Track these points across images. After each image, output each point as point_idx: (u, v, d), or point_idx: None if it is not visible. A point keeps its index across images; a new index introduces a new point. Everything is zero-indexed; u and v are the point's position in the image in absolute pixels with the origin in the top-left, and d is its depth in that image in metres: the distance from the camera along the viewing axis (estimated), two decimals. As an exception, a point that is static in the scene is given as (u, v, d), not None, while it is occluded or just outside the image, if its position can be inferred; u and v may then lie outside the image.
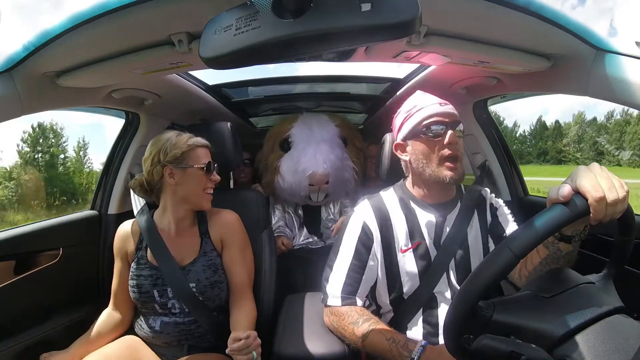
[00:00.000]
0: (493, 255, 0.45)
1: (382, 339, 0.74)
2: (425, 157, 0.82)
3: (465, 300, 0.45)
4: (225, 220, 1.00)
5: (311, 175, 1.52)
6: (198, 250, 0.96)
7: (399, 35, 0.48)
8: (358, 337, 0.77)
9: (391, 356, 0.71)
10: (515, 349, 0.44)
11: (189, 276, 0.92)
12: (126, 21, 0.63)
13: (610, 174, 0.47)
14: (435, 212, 0.86)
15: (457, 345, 0.47)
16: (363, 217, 0.87)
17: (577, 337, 0.43)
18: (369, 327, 0.77)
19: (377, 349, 0.74)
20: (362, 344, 0.76)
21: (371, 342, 0.75)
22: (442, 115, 0.81)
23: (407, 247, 0.84)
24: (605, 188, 0.45)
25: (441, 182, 0.81)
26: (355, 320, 0.79)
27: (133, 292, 0.93)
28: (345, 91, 1.73)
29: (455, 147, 0.80)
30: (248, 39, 0.50)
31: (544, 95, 1.10)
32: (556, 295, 0.48)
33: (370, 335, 0.75)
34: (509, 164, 1.40)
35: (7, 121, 0.76)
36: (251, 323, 0.92)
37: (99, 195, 1.37)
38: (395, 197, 0.90)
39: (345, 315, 0.82)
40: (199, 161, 0.95)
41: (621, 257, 0.54)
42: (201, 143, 0.98)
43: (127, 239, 0.99)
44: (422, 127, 0.81)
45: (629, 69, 0.64)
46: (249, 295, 0.99)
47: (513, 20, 0.64)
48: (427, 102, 0.83)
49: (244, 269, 0.99)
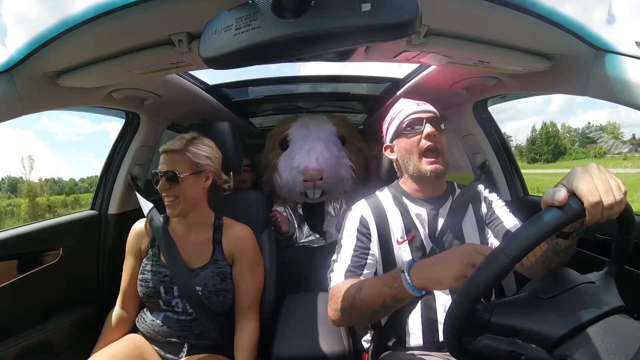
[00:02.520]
0: (489, 260, 0.45)
1: (373, 281, 0.74)
2: (407, 152, 0.88)
3: (463, 304, 0.46)
4: (238, 236, 1.00)
5: (304, 170, 1.56)
6: (209, 257, 0.96)
7: (399, 35, 0.48)
8: (353, 295, 0.72)
9: (385, 287, 0.67)
10: (515, 349, 0.44)
11: (196, 279, 0.92)
12: (126, 21, 0.62)
13: (608, 175, 0.46)
14: (427, 206, 0.89)
15: (457, 345, 0.47)
16: (360, 212, 0.90)
17: (577, 338, 0.43)
18: (361, 282, 0.76)
19: (372, 292, 0.70)
20: (360, 300, 0.71)
21: (365, 292, 0.71)
22: (419, 112, 0.88)
23: (402, 239, 0.86)
24: (602, 191, 0.44)
25: (424, 177, 0.86)
26: (351, 286, 0.76)
27: (140, 285, 0.95)
28: (345, 91, 1.73)
29: (434, 139, 0.84)
30: (248, 39, 0.50)
31: (543, 95, 1.09)
32: (555, 296, 0.48)
33: (363, 287, 0.73)
34: (509, 164, 1.40)
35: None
36: (252, 349, 0.93)
37: (99, 195, 1.37)
38: (389, 195, 0.94)
39: (342, 286, 0.78)
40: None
41: (622, 255, 0.54)
42: (162, 149, 0.96)
43: (142, 236, 1.01)
44: (403, 125, 0.88)
45: (629, 69, 0.64)
46: (254, 315, 0.98)
47: (513, 20, 0.64)
48: (407, 104, 0.91)
49: (252, 286, 0.99)
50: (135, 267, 1.00)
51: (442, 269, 0.59)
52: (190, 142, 0.96)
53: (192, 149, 0.95)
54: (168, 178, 0.91)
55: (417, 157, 0.86)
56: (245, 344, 0.92)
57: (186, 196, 0.93)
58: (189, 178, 0.93)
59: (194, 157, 0.94)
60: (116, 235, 1.32)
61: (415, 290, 0.62)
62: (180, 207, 0.93)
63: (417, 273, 0.63)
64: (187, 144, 0.95)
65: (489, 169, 1.40)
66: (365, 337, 0.95)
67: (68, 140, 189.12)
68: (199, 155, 0.95)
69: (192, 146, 0.96)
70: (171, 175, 0.91)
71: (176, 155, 0.93)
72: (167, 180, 0.91)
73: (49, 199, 53.93)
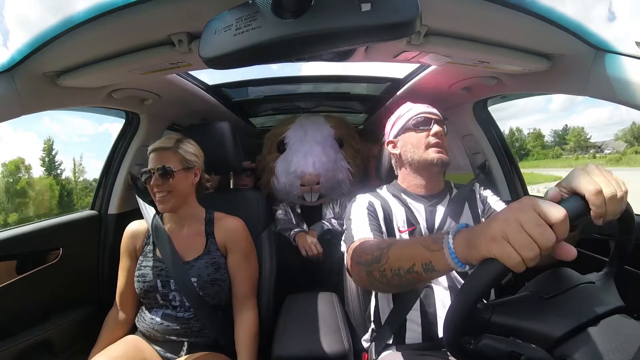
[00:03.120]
0: (489, 260, 0.43)
1: (409, 240, 0.68)
2: (414, 145, 0.91)
3: (464, 303, 0.45)
4: (229, 227, 1.02)
5: (301, 175, 1.55)
6: (203, 248, 0.99)
7: (399, 35, 0.48)
8: (382, 248, 0.62)
9: (421, 246, 0.54)
10: (515, 349, 0.44)
11: (191, 271, 0.95)
12: (126, 21, 0.63)
13: (607, 172, 0.45)
14: (425, 202, 0.92)
15: (457, 345, 0.47)
16: (367, 198, 0.92)
17: (577, 337, 0.43)
18: (394, 239, 0.73)
19: (404, 250, 0.59)
20: (387, 256, 0.60)
21: (396, 248, 0.60)
22: (429, 113, 0.93)
23: (404, 229, 0.88)
24: (602, 183, 0.43)
25: (429, 164, 0.88)
26: (381, 240, 0.69)
27: (138, 281, 0.97)
28: (345, 91, 1.73)
29: (440, 138, 0.89)
30: (248, 39, 0.50)
31: (543, 95, 1.10)
32: (555, 295, 0.48)
33: (396, 243, 0.63)
34: (509, 164, 1.40)
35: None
36: (253, 339, 0.94)
37: (99, 195, 1.37)
38: (389, 192, 0.96)
39: (370, 240, 0.72)
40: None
41: (622, 255, 0.54)
42: (151, 148, 0.99)
43: (136, 237, 1.04)
44: (411, 121, 0.93)
45: (629, 69, 0.64)
46: (251, 304, 1.00)
47: (513, 20, 0.64)
48: (415, 104, 0.96)
49: (247, 276, 1.01)
50: (131, 267, 1.01)
51: (484, 227, 0.44)
52: (179, 141, 1.01)
53: (182, 146, 1.00)
54: (162, 173, 0.94)
55: (423, 149, 0.89)
56: (246, 334, 0.94)
57: (178, 191, 0.97)
58: (180, 173, 0.97)
59: (184, 153, 0.99)
60: (116, 235, 1.31)
61: (455, 258, 0.47)
62: (172, 201, 0.96)
63: (461, 237, 0.48)
64: (177, 142, 1.00)
65: (489, 169, 1.40)
66: (365, 337, 0.95)
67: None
68: (188, 153, 1.00)
69: (182, 144, 1.01)
70: (166, 170, 0.95)
71: (168, 152, 0.97)
72: (160, 176, 0.94)
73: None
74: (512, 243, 0.39)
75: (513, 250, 0.39)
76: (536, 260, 0.39)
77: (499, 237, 0.40)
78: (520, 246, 0.39)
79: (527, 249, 0.38)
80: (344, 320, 1.05)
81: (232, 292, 0.99)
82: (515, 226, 0.40)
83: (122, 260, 1.04)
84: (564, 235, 0.39)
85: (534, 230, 0.39)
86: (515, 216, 0.40)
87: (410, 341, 0.83)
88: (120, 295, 1.02)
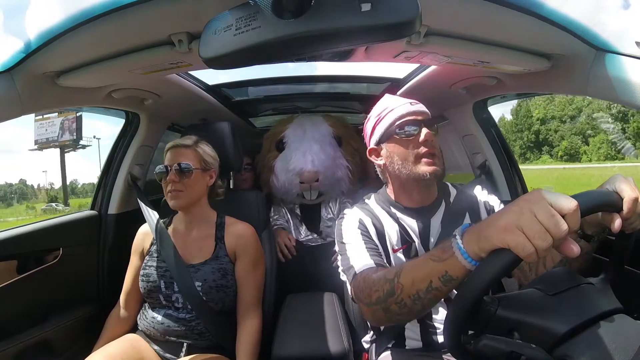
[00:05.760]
0: (500, 250, 0.42)
1: (415, 260, 0.60)
2: (400, 157, 0.79)
3: (469, 294, 0.44)
4: (240, 233, 1.01)
5: (300, 172, 1.56)
6: (211, 253, 0.98)
7: (399, 35, 0.49)
8: (390, 280, 0.59)
9: (431, 262, 0.52)
10: (515, 349, 0.44)
11: (196, 275, 0.94)
12: (126, 21, 0.62)
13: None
14: (417, 217, 0.83)
15: (457, 345, 0.47)
16: (357, 216, 0.84)
17: (578, 337, 0.43)
18: (399, 265, 0.63)
19: (415, 273, 0.56)
20: (399, 286, 0.58)
21: (406, 274, 0.57)
22: (414, 114, 0.79)
23: (398, 247, 0.81)
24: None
25: (421, 179, 0.77)
26: (386, 271, 0.64)
27: (142, 280, 0.97)
28: (345, 91, 1.73)
29: (431, 145, 0.77)
30: (248, 39, 0.50)
31: (543, 95, 1.10)
32: (560, 292, 0.48)
33: (403, 269, 0.59)
34: (509, 164, 1.40)
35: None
36: (254, 347, 0.94)
37: (99, 195, 1.37)
38: (378, 206, 0.88)
39: (372, 273, 0.67)
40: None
41: (619, 261, 0.54)
42: (170, 145, 0.99)
43: (146, 237, 1.05)
44: (395, 127, 0.79)
45: (629, 69, 0.64)
46: (256, 312, 1.00)
47: (513, 20, 0.64)
48: (397, 103, 0.81)
49: (254, 283, 1.00)
50: (138, 266, 1.02)
51: (494, 219, 0.44)
52: (198, 141, 1.02)
53: (201, 146, 1.01)
54: (180, 170, 0.94)
55: (412, 162, 0.77)
56: (248, 342, 0.93)
57: (193, 189, 0.97)
58: (197, 172, 0.97)
59: (203, 154, 1.00)
60: (116, 235, 1.32)
61: (468, 257, 0.46)
62: (185, 199, 0.96)
63: (470, 235, 0.47)
64: (197, 142, 1.01)
65: (489, 169, 1.40)
66: (365, 337, 0.95)
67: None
68: (206, 154, 1.01)
69: (201, 144, 1.02)
70: (184, 167, 0.94)
71: (187, 150, 0.98)
72: (177, 172, 0.94)
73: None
74: (526, 233, 0.40)
75: (527, 240, 0.40)
76: (548, 251, 0.40)
77: (512, 227, 0.41)
78: (534, 236, 0.39)
79: (541, 239, 0.39)
80: (344, 320, 1.05)
81: (237, 298, 0.98)
82: (529, 216, 0.40)
83: (132, 259, 1.05)
84: (575, 226, 0.40)
85: (548, 220, 0.39)
86: (529, 207, 0.41)
87: (409, 346, 0.83)
88: (126, 293, 1.03)
